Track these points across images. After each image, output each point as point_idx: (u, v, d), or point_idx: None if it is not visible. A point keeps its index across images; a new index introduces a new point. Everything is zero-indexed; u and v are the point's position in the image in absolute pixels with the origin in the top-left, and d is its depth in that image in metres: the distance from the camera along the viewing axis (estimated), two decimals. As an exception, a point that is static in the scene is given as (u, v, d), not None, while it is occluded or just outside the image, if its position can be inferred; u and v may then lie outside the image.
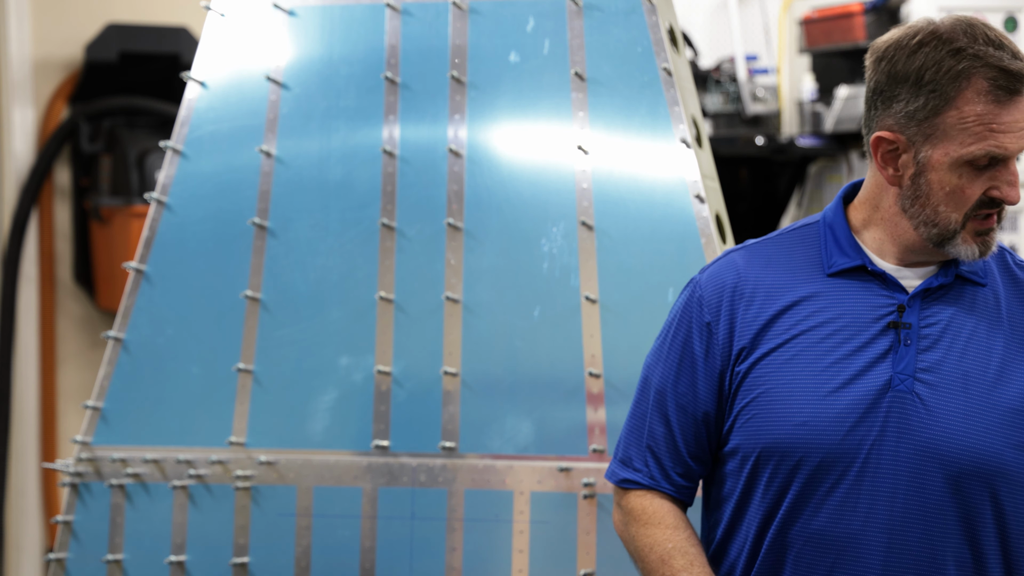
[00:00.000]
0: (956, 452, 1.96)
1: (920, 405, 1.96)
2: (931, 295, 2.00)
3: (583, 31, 2.75)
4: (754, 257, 2.08)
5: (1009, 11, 5.45)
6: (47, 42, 5.28)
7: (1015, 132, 1.93)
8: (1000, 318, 2.01)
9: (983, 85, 1.92)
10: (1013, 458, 1.96)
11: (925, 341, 1.98)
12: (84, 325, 5.37)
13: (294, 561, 2.70)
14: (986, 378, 1.98)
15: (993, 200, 1.95)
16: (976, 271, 2.02)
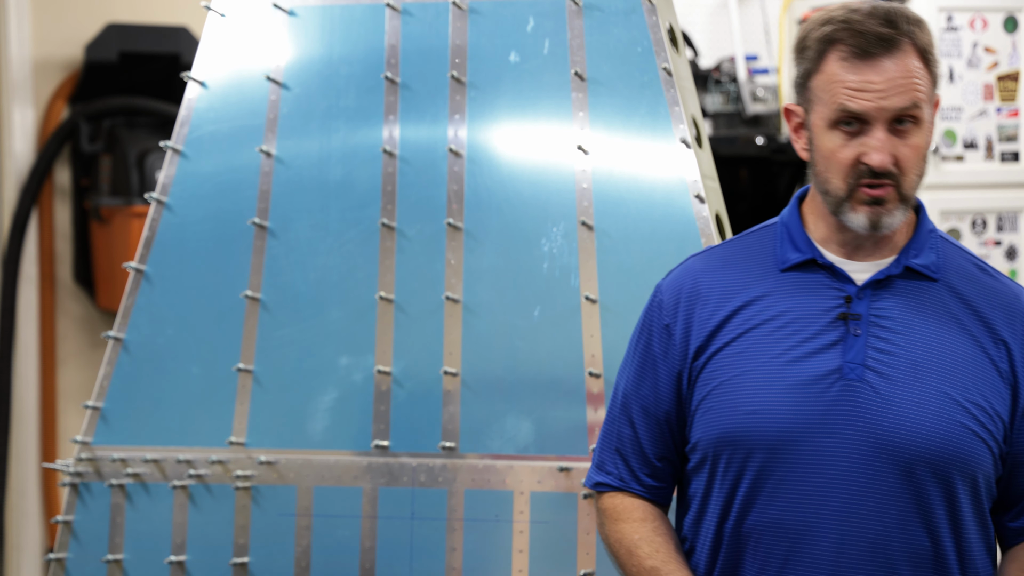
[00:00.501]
0: (908, 440, 1.98)
1: (871, 393, 1.99)
2: (881, 287, 2.04)
3: (583, 31, 2.75)
4: (712, 260, 2.15)
5: (1009, 11, 5.46)
6: (47, 42, 5.27)
7: (869, 92, 1.98)
8: (952, 313, 2.04)
9: (843, 48, 2.00)
10: (966, 446, 1.98)
11: (875, 330, 2.01)
12: (84, 325, 5.37)
13: (294, 561, 2.70)
14: (938, 368, 2.00)
15: (871, 170, 1.99)
16: (928, 266, 2.06)
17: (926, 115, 2.02)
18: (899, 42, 2.00)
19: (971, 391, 2.00)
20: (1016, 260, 5.49)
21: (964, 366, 2.01)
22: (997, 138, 5.45)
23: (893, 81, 1.99)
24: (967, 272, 2.08)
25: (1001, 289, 2.08)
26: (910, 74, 2.00)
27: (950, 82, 5.39)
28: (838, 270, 2.05)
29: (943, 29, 5.37)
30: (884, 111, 1.98)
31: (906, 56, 2.00)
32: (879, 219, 2.01)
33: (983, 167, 5.45)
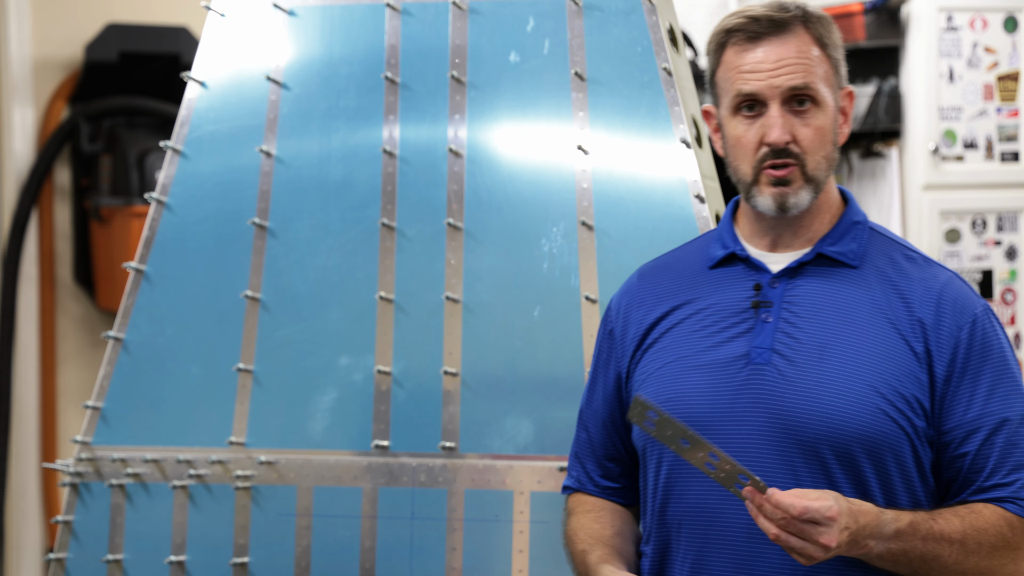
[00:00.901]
0: (810, 419, 2.00)
1: (777, 376, 2.03)
2: (796, 275, 2.09)
3: (583, 31, 2.75)
4: (656, 265, 2.25)
5: (1009, 11, 5.45)
6: (47, 42, 5.28)
7: (760, 72, 2.05)
8: (868, 298, 2.06)
9: (737, 36, 2.07)
10: (869, 425, 2.00)
11: (786, 315, 2.05)
12: (84, 325, 5.37)
13: (294, 561, 2.71)
14: (843, 350, 2.02)
15: (773, 149, 2.04)
16: (846, 253, 2.09)
17: (826, 97, 2.07)
18: (790, 25, 2.07)
19: (879, 372, 2.01)
20: (1016, 260, 5.49)
21: (873, 348, 2.02)
22: (997, 138, 5.45)
23: (783, 60, 2.05)
24: (893, 261, 2.10)
25: (925, 276, 2.08)
26: (802, 54, 2.06)
27: (950, 82, 5.39)
28: (754, 261, 2.11)
29: (943, 29, 5.37)
30: (776, 88, 2.05)
31: (798, 38, 2.07)
32: (784, 199, 2.06)
33: (983, 167, 5.45)
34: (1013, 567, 2.01)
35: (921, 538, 1.97)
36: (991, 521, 2.00)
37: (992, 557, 2.00)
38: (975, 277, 5.43)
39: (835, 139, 2.10)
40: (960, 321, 2.04)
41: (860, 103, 5.46)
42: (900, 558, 1.98)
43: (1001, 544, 1.99)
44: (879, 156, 5.53)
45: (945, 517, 2.00)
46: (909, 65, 5.42)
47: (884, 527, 1.95)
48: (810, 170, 2.06)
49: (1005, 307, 5.48)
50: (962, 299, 2.06)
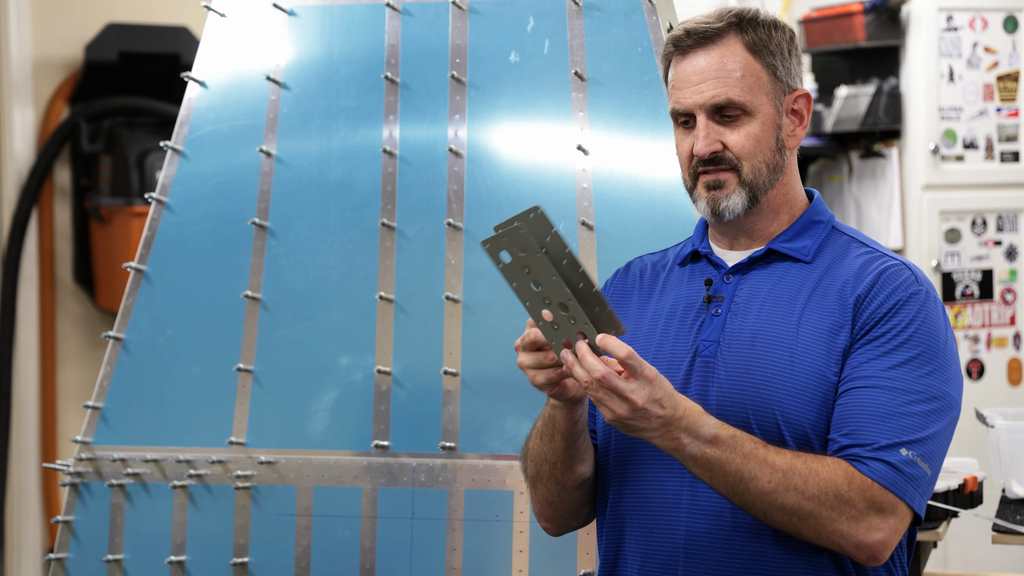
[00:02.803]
0: (739, 406, 2.02)
1: (718, 368, 2.05)
2: (750, 269, 2.12)
3: (583, 31, 2.75)
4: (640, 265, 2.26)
5: (1009, 11, 5.45)
6: (47, 42, 5.28)
7: (690, 87, 2.09)
8: (811, 288, 2.07)
9: (671, 50, 2.11)
10: (798, 410, 2.00)
11: (735, 308, 2.09)
12: (84, 325, 5.37)
13: (294, 561, 2.71)
14: (775, 336, 2.04)
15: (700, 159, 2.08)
16: (799, 249, 2.11)
17: (756, 104, 2.08)
18: (719, 36, 2.09)
19: (805, 357, 2.01)
20: (1016, 260, 5.49)
21: (803, 334, 2.03)
22: (997, 138, 5.45)
23: (706, 74, 2.08)
24: (846, 255, 2.11)
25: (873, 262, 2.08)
26: (724, 67, 2.07)
27: (950, 82, 5.39)
28: (713, 258, 2.15)
29: (943, 29, 5.37)
30: (698, 103, 2.08)
31: (725, 49, 2.08)
32: (717, 203, 2.09)
33: (983, 167, 5.45)
34: (843, 527, 1.94)
35: (742, 454, 1.94)
36: (830, 468, 1.94)
37: (817, 503, 1.93)
38: (975, 277, 5.43)
39: (777, 143, 2.10)
40: (892, 292, 2.03)
41: (860, 103, 5.46)
42: (715, 468, 1.94)
43: (831, 493, 1.93)
44: (879, 156, 5.53)
45: (778, 448, 1.97)
46: (909, 65, 5.42)
47: (703, 428, 1.93)
48: (745, 174, 2.08)
49: (1005, 307, 5.48)
50: (901, 278, 2.05)
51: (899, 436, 1.96)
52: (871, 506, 1.94)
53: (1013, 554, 5.06)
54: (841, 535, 1.94)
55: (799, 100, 2.13)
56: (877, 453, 1.95)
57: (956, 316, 5.42)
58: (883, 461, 1.95)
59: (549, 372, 1.98)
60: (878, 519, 1.94)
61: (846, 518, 1.94)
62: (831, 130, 5.55)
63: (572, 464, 2.12)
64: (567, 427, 2.07)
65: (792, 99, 2.12)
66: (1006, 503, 3.29)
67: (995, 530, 3.10)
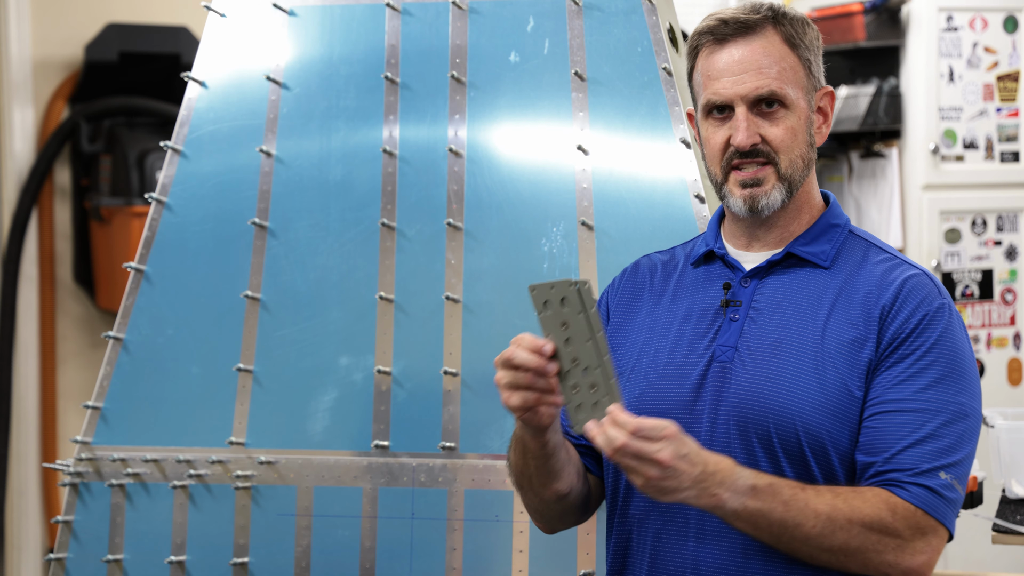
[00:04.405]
0: (760, 414, 2.00)
1: (737, 374, 2.03)
2: (768, 274, 2.09)
3: (583, 31, 2.75)
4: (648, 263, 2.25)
5: (1009, 11, 5.46)
6: (47, 42, 5.28)
7: (729, 76, 2.06)
8: (832, 296, 2.05)
9: (708, 39, 2.08)
10: (816, 421, 1.99)
11: (753, 314, 2.06)
12: (84, 325, 5.37)
13: (294, 561, 2.71)
14: (799, 345, 2.02)
15: (739, 150, 2.05)
16: (818, 254, 2.09)
17: (795, 98, 2.07)
18: (758, 27, 2.07)
19: (829, 368, 2.00)
20: (1016, 260, 5.49)
21: (827, 344, 2.01)
22: (997, 138, 5.45)
23: (747, 64, 2.06)
24: (866, 261, 2.10)
25: (893, 271, 2.07)
26: (767, 56, 2.06)
27: (950, 82, 5.39)
28: (730, 260, 2.13)
29: (943, 29, 5.37)
30: (740, 94, 2.05)
31: (765, 40, 2.07)
32: (756, 201, 2.07)
33: (983, 167, 5.46)
34: (890, 556, 1.94)
35: (783, 501, 1.91)
36: (871, 502, 1.93)
37: (864, 539, 1.92)
38: (975, 277, 5.43)
39: (810, 139, 2.10)
40: (917, 307, 2.01)
41: (860, 103, 5.46)
42: (759, 520, 1.91)
43: (877, 527, 1.92)
44: (879, 156, 5.53)
45: (817, 489, 1.94)
46: (909, 65, 5.42)
47: (739, 479, 1.90)
48: (783, 169, 2.07)
49: (1005, 307, 5.48)
50: (925, 291, 2.03)
51: (937, 460, 1.96)
52: (915, 532, 1.94)
53: (1013, 554, 5.06)
54: (889, 564, 1.95)
55: (825, 98, 2.12)
56: (918, 479, 1.95)
57: (956, 316, 5.41)
58: (924, 487, 1.95)
59: (525, 395, 1.94)
60: (922, 543, 1.95)
61: (892, 548, 1.94)
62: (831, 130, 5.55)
63: (547, 482, 2.09)
64: (536, 449, 2.04)
65: (820, 96, 2.11)
66: (1006, 503, 3.29)
67: (995, 530, 3.10)
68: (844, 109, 5.51)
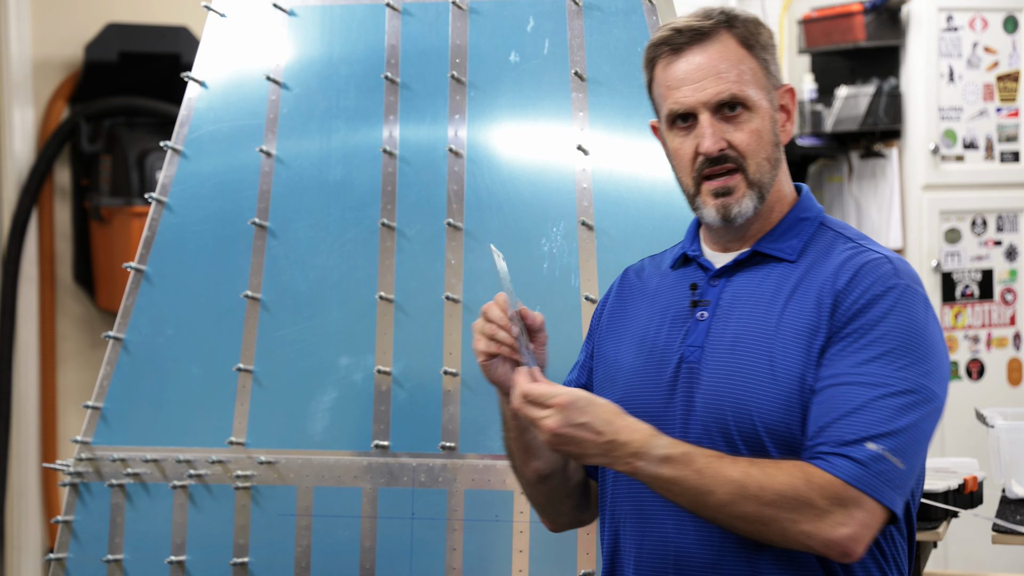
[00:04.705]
0: (720, 412, 2.01)
1: (703, 373, 2.04)
2: (736, 272, 2.10)
3: (583, 31, 2.75)
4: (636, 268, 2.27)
5: (1009, 11, 5.46)
6: (47, 42, 5.28)
7: (690, 84, 2.06)
8: (792, 288, 2.04)
9: (664, 50, 2.08)
10: (773, 414, 1.98)
11: (720, 312, 2.07)
12: (84, 325, 5.37)
13: (294, 561, 2.71)
14: (755, 340, 2.02)
15: (708, 158, 2.05)
16: (783, 249, 2.09)
17: (757, 99, 2.06)
18: (713, 32, 2.07)
19: (784, 361, 1.99)
20: (1016, 260, 5.49)
21: (782, 337, 2.00)
22: (997, 138, 5.45)
23: (706, 70, 2.06)
24: (831, 251, 2.08)
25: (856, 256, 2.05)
26: (725, 61, 2.06)
27: (950, 82, 5.39)
28: (702, 261, 2.14)
29: (943, 29, 5.37)
30: (702, 101, 2.05)
31: (722, 44, 2.07)
32: (728, 210, 2.07)
33: (983, 167, 5.46)
34: (807, 526, 1.90)
35: (696, 470, 1.92)
36: (786, 471, 1.92)
37: (776, 508, 1.90)
38: (975, 277, 5.43)
39: (775, 139, 2.09)
40: (868, 288, 1.99)
41: (860, 103, 5.46)
42: (672, 487, 1.94)
43: (790, 495, 1.90)
44: (879, 156, 5.53)
45: (734, 458, 1.94)
46: (909, 65, 5.42)
47: (653, 449, 1.92)
48: (752, 174, 2.06)
49: (1005, 307, 5.48)
50: (879, 272, 2.01)
51: (866, 431, 1.92)
52: (833, 503, 1.90)
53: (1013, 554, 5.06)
54: (807, 535, 1.91)
55: (786, 95, 2.12)
56: (841, 448, 1.92)
57: (956, 316, 5.42)
58: (846, 456, 1.92)
59: (488, 342, 2.07)
60: (842, 515, 1.90)
61: (809, 518, 1.91)
62: (831, 130, 5.56)
63: (526, 458, 2.14)
64: (509, 418, 2.12)
65: (780, 94, 2.11)
66: (1006, 503, 3.29)
67: (995, 530, 3.10)
68: (844, 109, 5.51)
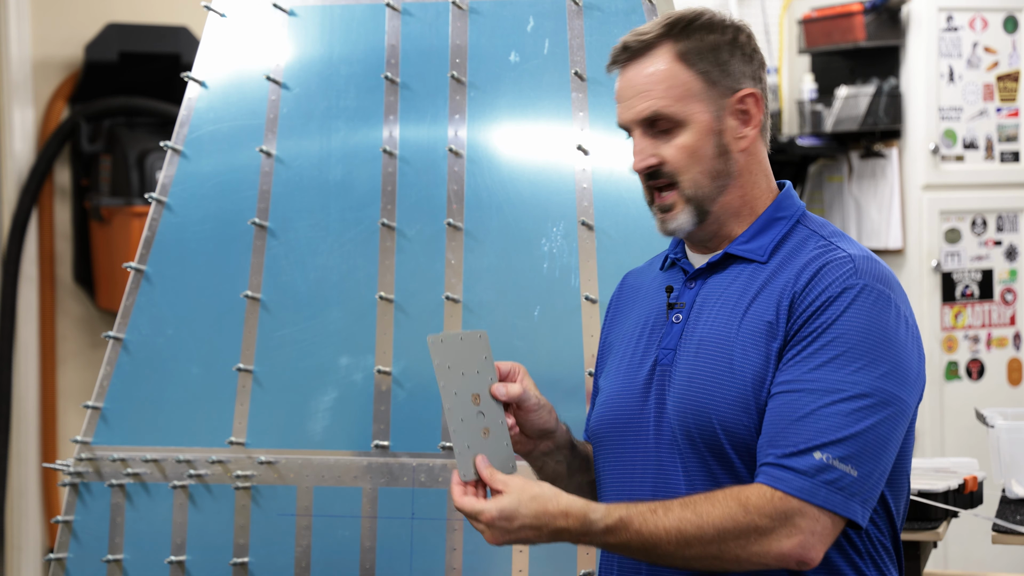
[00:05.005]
0: (683, 414, 2.02)
1: (672, 376, 2.05)
2: (710, 274, 2.10)
3: (583, 31, 2.75)
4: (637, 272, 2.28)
5: (1009, 11, 5.46)
6: (47, 42, 5.28)
7: (623, 102, 2.09)
8: (757, 289, 2.04)
9: (614, 68, 2.12)
10: (736, 418, 1.98)
11: (693, 315, 2.07)
12: (84, 325, 5.37)
13: (294, 561, 2.71)
14: (717, 342, 2.02)
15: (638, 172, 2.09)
16: (754, 250, 2.08)
17: (687, 114, 2.05)
18: (648, 48, 2.07)
19: (744, 364, 1.99)
20: (1016, 260, 5.49)
21: (743, 339, 2.00)
22: (997, 138, 5.45)
23: (635, 87, 2.07)
24: (801, 249, 2.07)
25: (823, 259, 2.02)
26: (652, 76, 2.06)
27: (950, 82, 5.39)
28: (683, 264, 2.15)
29: (943, 29, 5.37)
30: (630, 119, 2.08)
31: (655, 58, 2.07)
32: (666, 225, 2.09)
33: (983, 167, 5.46)
34: (755, 548, 1.91)
35: (636, 531, 1.92)
36: (720, 504, 1.91)
37: (720, 542, 1.90)
38: (975, 277, 5.43)
39: (717, 149, 2.06)
40: (825, 289, 1.97)
41: (860, 103, 5.46)
42: (624, 552, 1.96)
43: (730, 527, 1.90)
44: (879, 156, 5.53)
45: (667, 505, 1.94)
46: (909, 65, 5.42)
47: (592, 526, 1.93)
48: (686, 189, 2.06)
49: (1005, 307, 5.48)
50: (839, 271, 1.99)
51: (813, 439, 1.91)
52: (774, 519, 1.90)
53: (1013, 554, 5.06)
54: (759, 555, 1.91)
55: (746, 100, 2.07)
56: (784, 460, 1.91)
57: (956, 316, 5.42)
58: (788, 468, 1.91)
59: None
60: (786, 528, 1.90)
61: (755, 540, 1.90)
62: (831, 130, 5.56)
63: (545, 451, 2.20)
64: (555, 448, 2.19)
65: (736, 100, 2.07)
66: (1006, 503, 3.29)
67: (995, 530, 3.10)
68: (844, 109, 5.51)
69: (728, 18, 2.10)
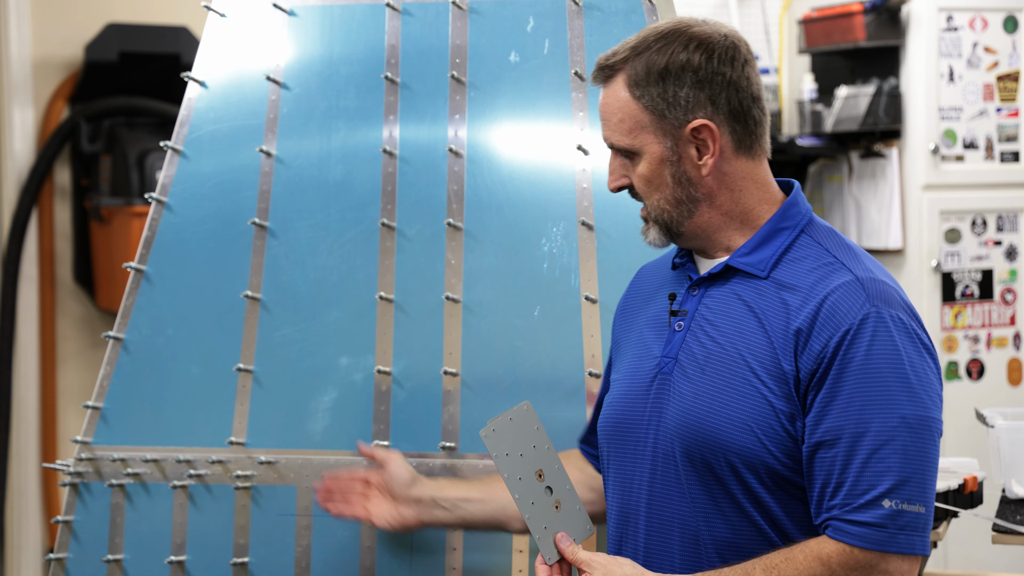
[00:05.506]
0: (684, 430, 2.04)
1: (675, 386, 2.07)
2: (712, 284, 2.10)
3: (583, 31, 2.75)
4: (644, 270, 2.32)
5: (1009, 11, 5.46)
6: (47, 42, 5.28)
7: (602, 122, 2.12)
8: (759, 310, 2.04)
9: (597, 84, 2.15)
10: (737, 438, 1.99)
11: (696, 324, 2.08)
12: (84, 325, 5.37)
13: (294, 561, 2.71)
14: (723, 360, 2.03)
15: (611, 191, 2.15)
16: (755, 264, 2.07)
17: (641, 144, 2.07)
18: (611, 73, 2.10)
19: (748, 382, 2.00)
20: (1016, 260, 5.49)
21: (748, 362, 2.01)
22: (997, 138, 5.45)
23: (602, 113, 2.12)
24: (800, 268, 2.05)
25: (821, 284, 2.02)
26: (610, 107, 2.10)
27: (950, 82, 5.39)
28: (687, 268, 2.16)
29: (943, 29, 5.37)
30: (607, 140, 2.12)
31: (614, 87, 2.10)
32: (645, 237, 2.15)
33: (983, 167, 5.46)
34: None
35: None
36: (802, 565, 1.94)
37: None
38: (975, 277, 5.43)
39: (676, 178, 2.07)
40: (836, 329, 1.97)
41: (860, 103, 5.46)
42: None
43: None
44: (879, 156, 5.53)
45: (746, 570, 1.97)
46: (909, 65, 5.42)
47: None
48: (651, 212, 2.11)
49: (1005, 307, 5.48)
50: (843, 308, 1.98)
51: (877, 487, 1.93)
52: (854, 571, 1.93)
53: (1013, 554, 5.06)
54: None
55: (704, 130, 2.06)
56: (854, 515, 1.93)
57: (956, 316, 5.42)
58: (860, 523, 1.93)
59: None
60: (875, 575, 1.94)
61: None
62: (831, 130, 5.56)
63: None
64: None
65: (688, 132, 2.06)
66: (1006, 503, 3.29)
67: (995, 530, 3.10)
68: (844, 109, 5.51)
69: (700, 34, 2.06)
